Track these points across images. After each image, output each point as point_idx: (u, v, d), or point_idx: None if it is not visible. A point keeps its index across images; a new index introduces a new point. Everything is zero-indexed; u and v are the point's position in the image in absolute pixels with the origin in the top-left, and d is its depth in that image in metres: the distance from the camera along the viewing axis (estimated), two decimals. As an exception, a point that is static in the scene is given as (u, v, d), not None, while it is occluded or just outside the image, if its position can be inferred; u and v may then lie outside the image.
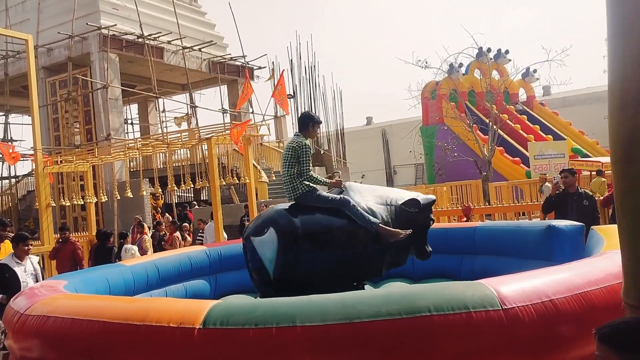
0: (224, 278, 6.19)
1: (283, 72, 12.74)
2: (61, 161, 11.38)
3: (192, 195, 22.80)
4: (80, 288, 4.17)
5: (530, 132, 22.74)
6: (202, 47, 20.22)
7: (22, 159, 12.82)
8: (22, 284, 5.12)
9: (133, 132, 24.59)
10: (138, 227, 11.25)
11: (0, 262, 5.33)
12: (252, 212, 10.32)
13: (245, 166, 11.42)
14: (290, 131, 23.06)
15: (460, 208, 10.12)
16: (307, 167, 4.53)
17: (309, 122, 4.70)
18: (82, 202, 12.04)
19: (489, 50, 23.53)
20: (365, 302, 2.51)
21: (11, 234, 6.45)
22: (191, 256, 6.01)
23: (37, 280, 5.28)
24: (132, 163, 17.32)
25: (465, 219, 8.94)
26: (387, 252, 4.55)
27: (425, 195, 4.91)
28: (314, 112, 21.10)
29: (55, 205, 12.46)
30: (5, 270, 5.20)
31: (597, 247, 3.89)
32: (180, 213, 16.47)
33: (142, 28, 17.98)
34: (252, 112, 20.82)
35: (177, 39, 18.96)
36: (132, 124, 24.71)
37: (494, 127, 18.00)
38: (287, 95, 19.95)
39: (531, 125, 23.56)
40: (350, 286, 4.22)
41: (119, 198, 12.26)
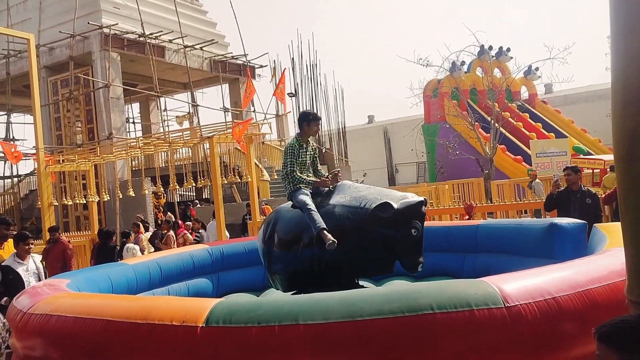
0: (226, 277, 6.20)
1: (284, 70, 12.75)
2: (63, 160, 11.39)
3: (194, 194, 22.84)
4: (82, 287, 4.17)
5: (532, 130, 22.69)
6: (204, 46, 20.23)
7: (24, 158, 12.87)
8: (25, 283, 5.12)
9: (135, 131, 24.68)
10: (134, 226, 11.25)
11: (3, 263, 5.32)
12: (254, 210, 10.33)
13: (247, 165, 11.44)
14: (292, 129, 23.09)
15: (462, 206, 10.10)
16: (290, 167, 4.67)
17: (303, 122, 4.78)
18: (84, 201, 12.05)
19: (490, 48, 23.45)
20: (367, 300, 2.51)
21: (15, 233, 6.44)
22: (193, 255, 6.02)
23: (39, 279, 5.27)
24: (134, 162, 17.34)
25: (467, 217, 8.94)
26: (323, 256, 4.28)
27: (407, 199, 4.17)
28: (314, 110, 21.14)
29: (57, 204, 12.50)
30: (8, 272, 5.19)
31: (600, 244, 3.87)
32: (183, 211, 16.49)
33: (143, 27, 17.99)
34: (254, 111, 20.87)
35: (179, 37, 18.97)
36: (133, 123, 24.76)
37: (496, 125, 17.96)
38: (287, 94, 20.00)
39: (533, 123, 23.50)
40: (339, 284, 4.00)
41: (121, 197, 12.28)
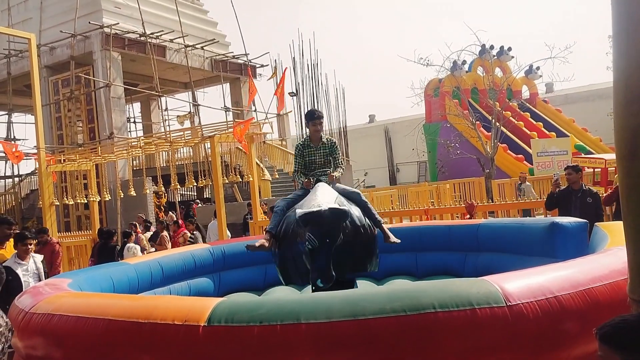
0: (227, 276, 6.21)
1: (285, 70, 12.74)
2: (64, 160, 11.39)
3: (195, 193, 22.87)
4: (84, 286, 4.18)
5: (534, 129, 22.66)
6: (205, 46, 20.23)
7: (25, 157, 12.87)
8: (24, 284, 5.11)
9: (136, 130, 24.68)
10: (131, 226, 11.24)
11: (4, 264, 5.32)
12: (256, 210, 10.33)
13: (248, 164, 11.44)
14: (293, 129, 23.05)
15: (463, 205, 10.09)
16: (294, 167, 4.96)
17: (307, 122, 4.93)
18: (86, 201, 12.04)
19: (491, 47, 23.43)
20: (369, 299, 2.51)
21: (17, 232, 6.44)
22: (195, 254, 6.02)
23: (39, 279, 5.27)
24: (135, 161, 17.36)
25: (468, 216, 8.94)
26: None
27: (310, 208, 3.85)
28: (316, 108, 21.10)
29: (58, 204, 12.49)
30: (8, 273, 5.18)
31: (601, 243, 3.87)
32: (187, 211, 16.49)
33: (144, 26, 17.99)
34: (255, 110, 20.85)
35: (180, 37, 18.97)
36: (134, 122, 24.76)
37: (497, 124, 17.95)
38: (289, 93, 20.00)
39: (534, 123, 23.47)
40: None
41: (122, 196, 12.27)
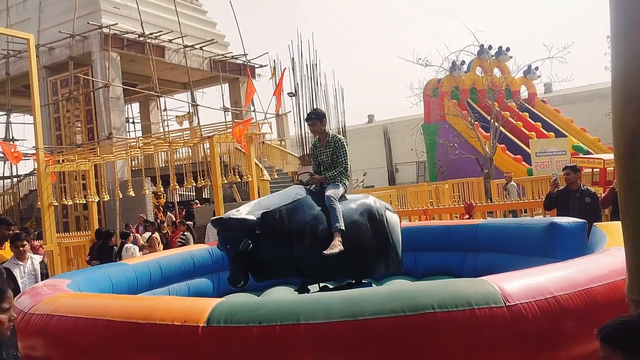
0: (226, 276, 6.18)
1: (284, 70, 12.73)
2: (63, 160, 11.37)
3: (194, 194, 22.81)
4: (83, 287, 4.18)
5: (532, 129, 22.68)
6: (203, 46, 20.21)
7: (24, 158, 12.84)
8: (21, 285, 5.09)
9: (134, 130, 24.65)
10: (129, 227, 11.24)
11: (3, 265, 5.32)
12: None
13: (247, 164, 11.44)
14: (292, 129, 23.02)
15: (462, 205, 10.10)
16: (312, 169, 5.14)
17: None
18: (84, 201, 12.03)
19: (490, 47, 23.45)
20: (368, 300, 2.51)
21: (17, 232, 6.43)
22: (194, 255, 6.02)
23: (36, 280, 5.25)
24: (133, 162, 17.33)
25: (467, 216, 8.95)
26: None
27: (225, 214, 4.41)
28: (317, 108, 21.08)
29: (57, 204, 12.48)
30: (8, 274, 5.18)
31: (600, 244, 3.87)
32: (188, 211, 16.44)
33: (143, 27, 17.98)
34: (254, 111, 20.84)
35: (178, 37, 18.96)
36: (133, 122, 24.73)
37: (496, 124, 17.96)
38: (288, 93, 19.97)
39: (533, 123, 23.48)
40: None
41: (121, 197, 12.26)
